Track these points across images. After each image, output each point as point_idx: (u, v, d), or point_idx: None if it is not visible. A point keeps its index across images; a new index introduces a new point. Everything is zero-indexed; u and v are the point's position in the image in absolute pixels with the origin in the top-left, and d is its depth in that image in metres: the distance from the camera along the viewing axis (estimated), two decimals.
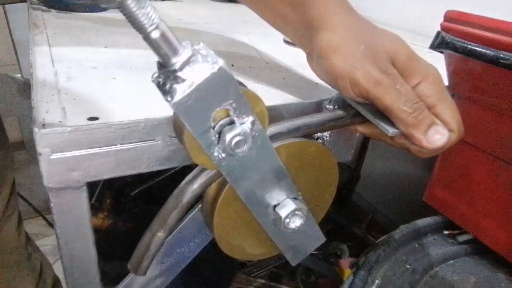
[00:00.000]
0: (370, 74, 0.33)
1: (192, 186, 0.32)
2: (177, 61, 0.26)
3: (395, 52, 0.35)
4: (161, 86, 0.27)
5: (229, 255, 0.39)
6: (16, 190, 0.68)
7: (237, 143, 0.30)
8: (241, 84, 0.32)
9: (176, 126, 0.32)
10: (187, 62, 0.26)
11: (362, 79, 0.33)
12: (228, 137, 0.29)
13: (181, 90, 0.26)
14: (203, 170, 0.32)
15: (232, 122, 0.29)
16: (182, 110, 0.27)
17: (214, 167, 0.31)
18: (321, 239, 0.41)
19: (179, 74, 0.26)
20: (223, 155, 0.30)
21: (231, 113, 0.29)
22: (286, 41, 0.68)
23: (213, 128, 0.29)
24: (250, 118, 0.30)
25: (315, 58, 0.38)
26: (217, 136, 0.29)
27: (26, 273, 0.70)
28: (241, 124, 0.30)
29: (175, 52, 0.26)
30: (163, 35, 0.25)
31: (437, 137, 0.34)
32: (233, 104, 0.28)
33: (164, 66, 0.26)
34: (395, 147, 0.38)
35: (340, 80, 0.35)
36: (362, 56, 0.34)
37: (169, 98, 0.26)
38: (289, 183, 0.36)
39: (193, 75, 0.26)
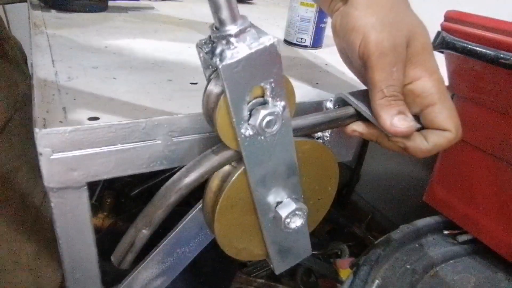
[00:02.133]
0: (383, 43, 0.33)
1: (178, 186, 0.32)
2: (233, 28, 0.27)
3: (414, 35, 0.34)
4: (210, 49, 0.28)
5: (237, 258, 0.39)
6: None
7: (268, 122, 0.30)
8: None
9: (209, 97, 0.31)
10: (243, 31, 0.27)
11: (373, 42, 0.33)
12: (262, 113, 0.30)
13: (232, 55, 0.27)
14: (189, 170, 0.32)
15: (265, 103, 0.30)
16: (228, 75, 0.27)
17: (235, 145, 0.31)
18: (308, 251, 0.42)
19: (233, 40, 0.27)
20: (250, 132, 0.31)
21: (268, 92, 0.30)
22: (286, 41, 0.68)
23: (248, 103, 0.29)
24: (283, 103, 0.31)
25: (344, 8, 0.36)
26: (248, 113, 0.30)
27: (56, 256, 0.71)
28: (274, 106, 0.30)
29: (234, 19, 0.27)
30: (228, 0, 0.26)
31: (402, 123, 0.34)
32: (273, 84, 0.29)
33: (218, 30, 0.27)
34: (392, 149, 0.38)
35: (355, 32, 0.34)
36: (387, 23, 0.33)
37: (218, 61, 0.27)
38: (296, 181, 0.36)
39: (246, 45, 0.27)
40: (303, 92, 0.46)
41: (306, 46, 0.66)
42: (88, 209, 0.36)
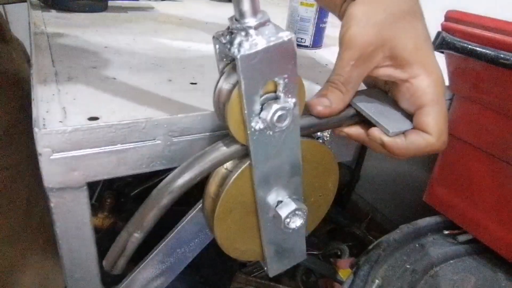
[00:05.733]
0: (355, 37, 0.34)
1: (170, 188, 0.32)
2: (253, 21, 0.27)
3: (400, 41, 0.34)
4: (228, 40, 0.28)
5: (241, 259, 0.39)
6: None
7: (280, 116, 0.31)
8: None
9: (220, 90, 0.31)
10: (262, 24, 0.28)
11: (347, 34, 0.34)
12: (274, 107, 0.30)
13: (250, 47, 0.27)
14: (182, 172, 0.32)
15: (277, 98, 0.30)
16: (245, 66, 0.28)
17: (244, 139, 0.32)
18: (303, 255, 0.42)
19: (252, 32, 0.27)
20: (261, 126, 0.31)
21: (280, 88, 0.30)
22: None
23: (261, 97, 0.30)
24: (294, 100, 0.31)
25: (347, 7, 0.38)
26: (260, 107, 0.30)
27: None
28: (286, 102, 0.31)
29: (255, 12, 0.27)
30: None
31: (315, 100, 0.35)
32: (286, 80, 0.30)
33: (238, 22, 0.28)
34: (375, 150, 0.39)
35: (344, 24, 0.36)
36: (371, 23, 0.34)
37: (236, 51, 0.27)
38: (298, 181, 0.36)
39: (264, 38, 0.28)
40: None
41: (306, 46, 0.66)
42: (88, 209, 0.36)
